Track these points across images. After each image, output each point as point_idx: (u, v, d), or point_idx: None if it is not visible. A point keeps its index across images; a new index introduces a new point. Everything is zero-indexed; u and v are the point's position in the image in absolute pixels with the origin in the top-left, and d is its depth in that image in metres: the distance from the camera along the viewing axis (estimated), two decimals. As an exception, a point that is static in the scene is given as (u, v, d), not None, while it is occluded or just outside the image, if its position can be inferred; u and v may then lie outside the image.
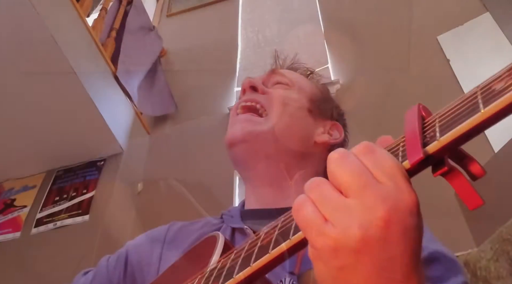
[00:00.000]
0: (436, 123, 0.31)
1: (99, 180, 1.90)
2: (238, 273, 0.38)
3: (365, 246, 0.30)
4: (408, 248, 0.31)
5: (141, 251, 0.71)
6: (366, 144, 0.33)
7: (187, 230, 0.72)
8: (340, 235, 0.30)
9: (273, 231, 0.37)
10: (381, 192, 0.30)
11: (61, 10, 1.78)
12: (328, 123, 0.79)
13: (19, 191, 1.98)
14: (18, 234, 1.80)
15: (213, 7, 2.92)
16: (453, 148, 0.30)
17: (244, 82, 0.78)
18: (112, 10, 2.49)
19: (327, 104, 0.82)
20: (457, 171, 0.30)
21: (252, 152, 0.71)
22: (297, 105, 0.76)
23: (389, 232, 0.30)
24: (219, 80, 2.34)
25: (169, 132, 2.25)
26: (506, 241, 1.12)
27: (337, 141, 0.78)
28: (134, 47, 2.34)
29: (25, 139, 1.87)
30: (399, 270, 0.31)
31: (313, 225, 0.31)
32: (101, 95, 1.85)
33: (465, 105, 0.30)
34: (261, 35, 2.46)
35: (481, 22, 1.88)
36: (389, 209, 0.30)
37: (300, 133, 0.74)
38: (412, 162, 0.30)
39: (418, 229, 0.31)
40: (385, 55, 2.04)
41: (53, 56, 1.62)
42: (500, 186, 1.27)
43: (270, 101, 0.74)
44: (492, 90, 0.28)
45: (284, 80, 0.80)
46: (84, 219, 1.76)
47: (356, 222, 0.30)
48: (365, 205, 0.30)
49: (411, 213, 0.31)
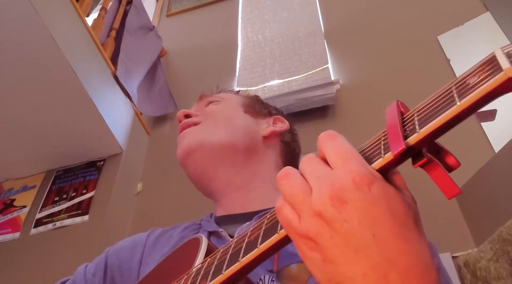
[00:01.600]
0: (415, 117, 0.33)
1: (99, 180, 1.89)
2: (227, 269, 0.38)
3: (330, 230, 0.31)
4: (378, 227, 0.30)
5: (122, 256, 0.71)
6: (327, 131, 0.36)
7: (167, 235, 0.73)
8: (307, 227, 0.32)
9: (259, 228, 0.38)
10: (330, 177, 0.32)
11: (61, 10, 1.77)
12: (270, 118, 0.83)
13: (19, 191, 1.98)
14: (18, 234, 1.80)
15: (213, 7, 2.92)
16: (432, 140, 0.32)
17: (178, 114, 0.83)
18: (112, 10, 2.48)
19: (261, 105, 0.86)
20: (435, 162, 0.32)
21: (205, 159, 0.72)
22: (231, 110, 0.80)
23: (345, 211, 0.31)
24: (219, 80, 2.34)
25: (169, 132, 2.25)
26: (506, 241, 1.11)
27: (283, 128, 0.81)
28: (134, 47, 2.34)
29: (25, 140, 1.87)
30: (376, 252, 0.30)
31: (290, 223, 0.33)
32: (101, 95, 1.85)
33: (441, 99, 0.32)
34: (261, 35, 2.46)
35: (481, 22, 1.88)
36: (336, 188, 0.31)
37: (242, 131, 0.76)
38: (395, 153, 0.32)
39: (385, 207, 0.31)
40: (385, 55, 2.04)
41: (53, 56, 1.62)
42: (500, 186, 1.27)
43: (204, 116, 0.78)
44: (467, 84, 0.30)
45: (213, 98, 0.85)
46: (83, 219, 1.75)
47: (314, 210, 0.32)
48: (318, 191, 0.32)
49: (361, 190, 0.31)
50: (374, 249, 0.30)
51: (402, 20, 2.13)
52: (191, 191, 2.08)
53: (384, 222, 0.31)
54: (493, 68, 0.29)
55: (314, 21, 2.36)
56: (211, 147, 0.72)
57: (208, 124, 0.76)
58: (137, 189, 2.01)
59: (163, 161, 2.11)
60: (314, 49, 2.17)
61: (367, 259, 0.30)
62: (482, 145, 1.50)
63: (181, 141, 0.76)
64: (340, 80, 1.99)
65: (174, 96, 2.33)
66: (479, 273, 1.19)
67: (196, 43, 2.70)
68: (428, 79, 1.83)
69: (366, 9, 2.31)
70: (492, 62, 0.30)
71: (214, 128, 0.75)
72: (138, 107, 2.16)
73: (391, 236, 0.30)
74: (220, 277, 0.39)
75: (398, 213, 0.32)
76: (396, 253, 0.30)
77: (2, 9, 1.51)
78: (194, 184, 0.78)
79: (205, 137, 0.73)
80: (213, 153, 0.72)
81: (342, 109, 1.91)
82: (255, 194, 0.71)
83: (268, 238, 0.36)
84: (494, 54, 0.30)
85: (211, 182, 0.74)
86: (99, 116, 1.81)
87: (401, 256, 0.30)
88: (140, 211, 1.93)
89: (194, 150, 0.73)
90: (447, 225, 1.39)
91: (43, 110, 1.77)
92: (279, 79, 2.09)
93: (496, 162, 1.33)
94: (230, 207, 0.72)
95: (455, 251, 1.31)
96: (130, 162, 2.02)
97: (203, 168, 0.73)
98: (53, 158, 1.96)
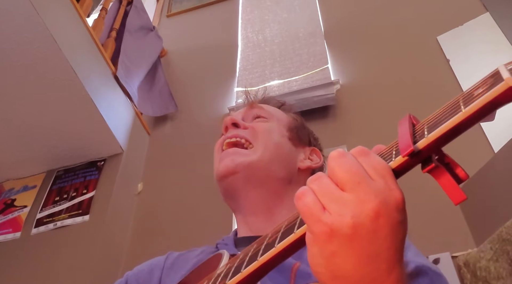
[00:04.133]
0: (425, 127, 0.36)
1: (99, 180, 1.90)
2: (246, 268, 0.40)
3: (356, 233, 0.34)
4: (394, 242, 0.35)
5: (140, 279, 0.75)
6: (362, 148, 0.38)
7: (185, 257, 0.77)
8: (334, 222, 0.34)
9: (278, 231, 0.41)
10: (373, 188, 0.35)
11: (61, 11, 1.78)
12: (308, 149, 0.85)
13: (19, 191, 1.98)
14: (18, 234, 1.80)
15: (213, 7, 2.92)
16: (440, 145, 0.34)
17: (226, 120, 0.82)
18: (112, 10, 2.49)
19: (304, 131, 0.88)
20: (443, 168, 0.35)
21: (244, 182, 0.74)
22: (278, 135, 0.80)
23: (378, 224, 0.34)
24: (219, 80, 2.34)
25: (169, 132, 2.25)
26: (506, 241, 1.12)
27: (318, 165, 0.83)
28: (134, 47, 2.34)
29: (25, 140, 1.87)
30: (384, 261, 0.35)
31: (312, 212, 0.36)
32: (101, 95, 1.85)
33: (449, 109, 0.35)
34: (261, 35, 2.46)
35: (480, 23, 1.88)
36: (379, 202, 0.34)
37: (285, 160, 0.78)
38: (404, 154, 0.34)
39: (403, 225, 0.36)
40: (385, 55, 2.04)
41: (53, 56, 1.62)
42: (500, 186, 1.27)
43: (253, 134, 0.79)
44: (471, 95, 0.33)
45: (262, 113, 0.84)
46: (84, 219, 1.76)
47: (349, 212, 0.34)
48: (359, 198, 0.34)
49: (397, 209, 0.35)
50: (383, 259, 0.35)
51: (402, 20, 2.13)
52: (191, 191, 2.08)
53: (400, 239, 0.35)
54: (495, 79, 0.32)
55: (314, 21, 2.36)
56: (253, 173, 0.74)
57: (258, 148, 0.77)
58: (138, 189, 2.02)
59: (164, 161, 2.11)
60: (314, 49, 2.17)
61: (374, 264, 0.35)
62: (482, 145, 1.50)
63: (226, 158, 0.76)
64: (340, 80, 1.99)
65: (174, 96, 2.33)
66: (479, 272, 1.20)
67: (196, 44, 2.70)
68: (428, 79, 1.83)
69: (366, 9, 2.31)
70: (495, 75, 0.33)
71: (263, 154, 0.76)
72: (138, 107, 2.16)
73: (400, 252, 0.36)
74: (238, 275, 0.40)
75: (406, 234, 0.36)
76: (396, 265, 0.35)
77: (3, 9, 1.51)
78: (223, 197, 0.79)
79: (250, 163, 0.74)
80: (255, 177, 0.74)
81: (342, 109, 1.91)
82: (278, 220, 0.73)
83: (285, 238, 0.38)
84: (498, 70, 0.33)
85: (242, 201, 0.76)
86: (100, 117, 1.81)
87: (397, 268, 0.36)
88: (141, 211, 1.94)
89: (237, 171, 0.74)
90: (447, 224, 1.39)
91: (43, 110, 1.78)
92: (279, 80, 2.09)
93: (496, 162, 1.33)
94: (253, 228, 0.74)
95: (455, 250, 1.32)
96: (130, 162, 2.02)
97: (240, 189, 0.75)
98: (54, 158, 1.97)
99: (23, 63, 1.63)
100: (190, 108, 2.30)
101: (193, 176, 1.94)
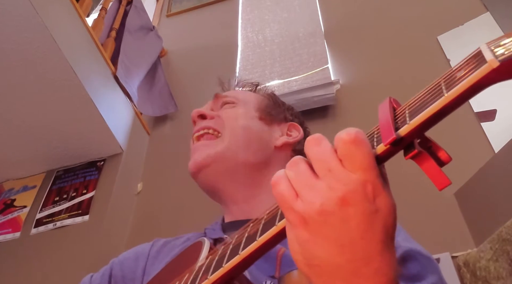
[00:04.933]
0: (406, 111, 0.35)
1: (99, 180, 1.90)
2: (227, 262, 0.39)
3: (326, 221, 0.34)
4: (369, 232, 0.34)
5: (125, 266, 0.73)
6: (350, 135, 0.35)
7: (170, 245, 0.75)
8: (306, 209, 0.35)
9: (259, 222, 0.40)
10: (344, 176, 0.34)
11: (61, 10, 1.77)
12: (284, 125, 0.83)
13: (19, 191, 1.98)
14: (18, 234, 1.80)
15: (213, 7, 2.92)
16: (422, 131, 0.33)
17: (192, 114, 0.83)
18: (112, 10, 2.49)
19: (278, 109, 0.86)
20: (426, 154, 0.34)
21: (217, 174, 0.73)
22: (246, 117, 0.79)
23: (347, 212, 0.34)
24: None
25: (169, 133, 2.25)
26: (506, 241, 1.12)
27: (297, 139, 0.81)
28: (134, 47, 2.34)
29: (25, 140, 1.87)
30: (360, 251, 0.34)
31: (286, 199, 0.36)
32: (101, 95, 1.85)
33: (430, 92, 0.34)
34: (261, 35, 2.46)
35: (481, 22, 1.88)
36: (348, 191, 0.34)
37: (257, 143, 0.76)
38: (386, 143, 0.34)
39: (381, 215, 0.35)
40: (385, 55, 2.04)
41: (53, 56, 1.62)
42: (500, 186, 1.27)
43: (220, 122, 0.78)
44: (454, 77, 0.32)
45: (229, 99, 0.84)
46: (84, 219, 1.75)
47: (319, 199, 0.34)
48: (329, 185, 0.34)
49: (367, 198, 0.34)
50: (358, 249, 0.34)
51: (402, 20, 2.13)
52: (191, 191, 2.08)
53: (377, 230, 0.35)
54: (478, 61, 0.31)
55: (314, 21, 2.36)
56: (225, 163, 0.73)
57: (225, 136, 0.75)
58: (138, 189, 2.01)
59: (163, 161, 2.11)
60: (314, 49, 2.17)
61: (349, 254, 0.34)
62: (482, 145, 1.50)
63: (195, 152, 0.76)
64: (340, 80, 1.99)
65: (174, 96, 2.33)
66: (478, 273, 1.19)
67: (196, 44, 2.70)
68: (428, 79, 1.83)
69: (366, 9, 2.31)
70: (477, 56, 0.31)
71: (231, 141, 0.74)
72: (138, 107, 2.16)
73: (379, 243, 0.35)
74: (220, 270, 0.40)
75: (389, 226, 0.35)
76: (375, 255, 0.35)
77: (3, 9, 1.51)
78: (203, 190, 0.79)
79: (219, 153, 0.73)
80: (225, 169, 0.73)
81: (342, 110, 1.91)
82: (263, 203, 0.72)
83: (266, 230, 0.38)
84: (480, 49, 0.32)
85: (220, 193, 0.75)
86: (99, 117, 1.81)
87: (377, 258, 0.35)
88: (141, 211, 1.93)
89: (207, 165, 0.73)
90: (447, 225, 1.39)
91: (43, 110, 1.78)
92: (279, 80, 2.09)
93: (496, 162, 1.33)
94: (237, 215, 0.73)
95: (455, 251, 1.31)
96: (130, 162, 2.02)
97: (214, 181, 0.74)
98: (53, 158, 1.97)
99: (22, 63, 1.63)
100: (190, 108, 2.26)
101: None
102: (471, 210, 1.36)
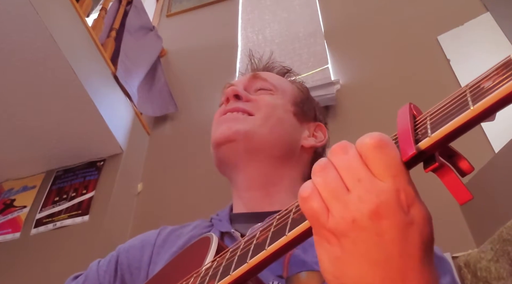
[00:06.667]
0: (427, 121, 0.32)
1: (99, 180, 1.89)
2: (235, 270, 0.38)
3: (358, 237, 0.32)
4: (407, 248, 0.31)
5: (131, 255, 0.71)
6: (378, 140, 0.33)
7: (177, 233, 0.72)
8: (337, 226, 0.32)
9: (268, 229, 0.38)
10: (376, 187, 0.32)
11: (61, 10, 1.77)
12: (312, 125, 0.80)
13: (19, 191, 1.98)
14: (18, 234, 1.79)
15: (213, 7, 2.92)
16: (444, 144, 0.31)
17: (227, 91, 0.76)
18: (112, 10, 2.48)
19: (309, 105, 0.83)
20: (447, 167, 0.32)
21: (241, 151, 0.69)
22: (283, 110, 0.75)
23: (381, 226, 0.31)
24: (219, 81, 2.33)
25: (169, 132, 2.25)
26: (506, 241, 1.11)
27: (322, 143, 0.78)
28: (134, 47, 2.34)
29: (25, 140, 1.87)
30: (396, 269, 0.31)
31: (318, 217, 0.33)
32: (101, 95, 1.85)
33: (454, 103, 0.31)
34: (261, 35, 2.46)
35: (481, 22, 1.88)
36: (380, 203, 0.31)
37: (288, 138, 0.73)
38: (406, 158, 0.32)
39: (419, 229, 0.32)
40: (385, 55, 2.04)
41: (53, 56, 1.62)
42: (500, 186, 1.27)
43: (256, 108, 0.73)
44: (481, 88, 0.29)
45: (267, 85, 0.79)
46: (84, 219, 1.75)
47: (350, 214, 0.32)
48: (360, 197, 0.32)
49: (402, 210, 0.32)
50: (394, 266, 0.31)
51: (402, 20, 2.13)
52: (191, 191, 2.08)
53: (414, 244, 0.32)
54: (509, 72, 0.28)
55: (314, 21, 2.36)
56: (253, 142, 0.69)
57: (259, 118, 0.71)
58: (138, 189, 2.01)
59: (164, 161, 2.11)
60: (314, 49, 2.17)
61: (383, 272, 0.32)
62: (482, 145, 1.50)
63: (225, 123, 0.71)
64: (340, 80, 1.99)
65: (174, 96, 2.33)
66: (479, 273, 1.19)
67: (196, 43, 2.70)
68: (428, 79, 1.83)
69: (366, 9, 2.31)
70: (508, 66, 0.28)
71: (264, 126, 0.70)
72: (138, 107, 2.16)
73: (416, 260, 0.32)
74: (227, 278, 0.39)
75: (426, 239, 0.33)
76: (412, 274, 0.32)
77: (2, 9, 1.51)
78: (218, 168, 0.75)
79: (253, 131, 0.69)
80: (253, 148, 0.69)
81: (343, 110, 1.91)
82: (275, 198, 0.70)
83: (276, 240, 0.36)
84: (511, 58, 0.29)
85: (239, 171, 0.71)
86: (99, 117, 1.81)
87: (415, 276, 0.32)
88: (141, 211, 1.93)
89: (236, 139, 0.69)
90: (448, 225, 1.39)
91: (43, 110, 1.77)
92: (279, 80, 2.08)
93: (496, 162, 1.33)
94: (249, 204, 0.70)
95: (456, 251, 1.31)
96: (130, 162, 2.02)
97: (237, 157, 0.70)
98: (53, 158, 1.96)
99: (22, 63, 1.63)
100: (190, 108, 2.29)
101: (193, 176, 1.93)
102: (472, 210, 1.36)
